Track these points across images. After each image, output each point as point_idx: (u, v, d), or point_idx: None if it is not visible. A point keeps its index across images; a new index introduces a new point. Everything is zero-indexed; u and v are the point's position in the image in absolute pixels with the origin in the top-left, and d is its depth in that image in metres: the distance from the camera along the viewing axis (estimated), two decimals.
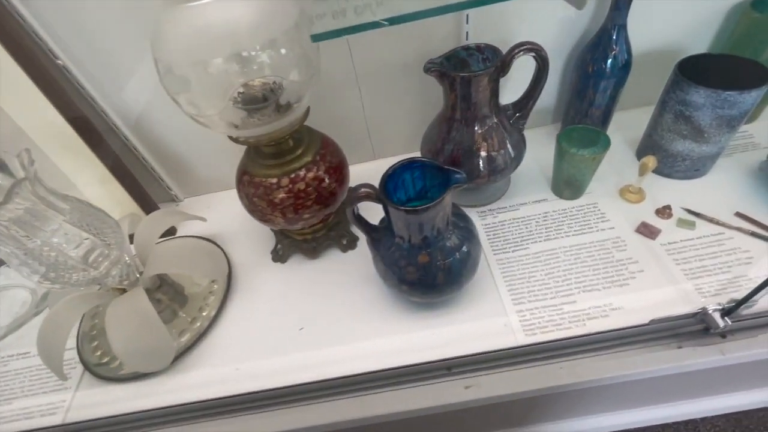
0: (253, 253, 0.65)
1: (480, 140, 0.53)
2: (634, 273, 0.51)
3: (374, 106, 0.67)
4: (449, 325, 0.50)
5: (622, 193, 0.60)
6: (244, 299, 0.59)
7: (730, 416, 0.76)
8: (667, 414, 0.73)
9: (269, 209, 0.51)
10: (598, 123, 0.64)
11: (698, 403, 0.71)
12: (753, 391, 0.69)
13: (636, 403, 0.69)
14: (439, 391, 0.45)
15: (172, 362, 0.52)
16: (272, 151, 0.50)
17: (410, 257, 0.46)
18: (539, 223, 0.59)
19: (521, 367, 0.45)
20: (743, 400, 0.71)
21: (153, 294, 0.56)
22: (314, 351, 0.51)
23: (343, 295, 0.56)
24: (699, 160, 0.57)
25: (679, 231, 0.54)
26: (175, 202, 0.77)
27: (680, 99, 0.53)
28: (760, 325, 0.43)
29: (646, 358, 0.43)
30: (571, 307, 0.49)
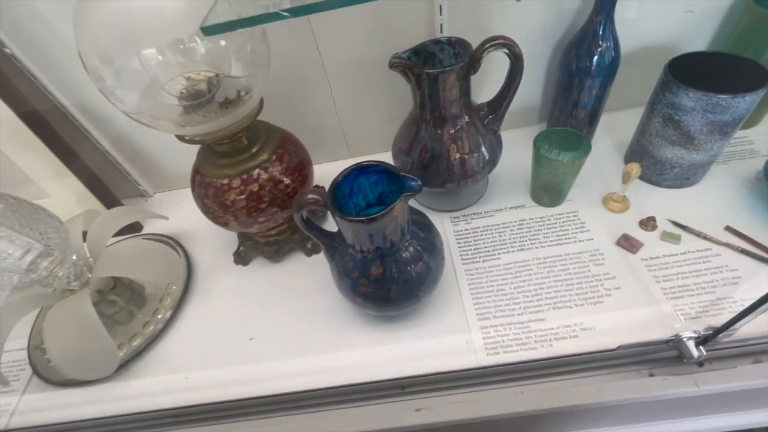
0: (216, 253, 0.62)
1: (449, 142, 0.50)
2: (610, 290, 0.47)
3: (346, 103, 0.63)
4: (409, 341, 0.47)
5: (606, 202, 0.56)
6: (201, 303, 0.56)
7: None
8: None
9: (221, 211, 0.49)
10: (585, 124, 0.60)
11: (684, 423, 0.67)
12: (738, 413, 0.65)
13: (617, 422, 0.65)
14: (389, 413, 0.42)
15: (121, 368, 0.50)
16: (224, 150, 0.47)
17: (363, 268, 0.42)
18: (514, 232, 0.55)
19: (478, 389, 0.42)
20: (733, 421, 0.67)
21: (106, 295, 0.54)
22: (265, 363, 0.48)
23: (301, 303, 0.53)
24: (689, 168, 0.52)
25: (663, 245, 0.50)
26: (144, 197, 0.74)
27: (669, 102, 0.48)
28: (740, 354, 0.39)
29: (613, 386, 0.40)
30: (538, 326, 0.46)
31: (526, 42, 0.57)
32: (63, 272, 0.49)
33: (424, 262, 0.43)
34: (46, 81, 0.56)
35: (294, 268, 0.58)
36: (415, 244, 0.43)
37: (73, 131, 0.61)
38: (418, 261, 0.43)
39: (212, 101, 0.40)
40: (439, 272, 0.46)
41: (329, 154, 0.71)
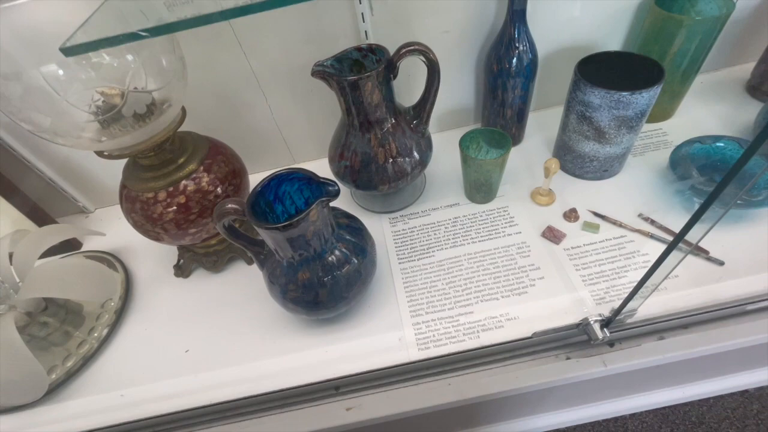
0: (156, 267, 0.61)
1: (377, 146, 0.51)
2: (534, 280, 0.50)
3: (283, 111, 0.64)
4: (344, 341, 0.48)
5: (533, 196, 0.58)
6: (140, 318, 0.56)
7: (658, 411, 0.76)
8: (595, 413, 0.73)
9: (150, 225, 0.48)
10: (514, 122, 0.63)
11: (626, 401, 0.71)
12: (677, 387, 0.69)
13: (561, 405, 0.68)
14: (321, 414, 0.43)
15: (54, 390, 0.49)
16: (149, 163, 0.47)
17: (290, 274, 0.43)
18: (448, 229, 0.57)
19: (408, 384, 0.43)
20: (669, 396, 0.72)
21: (37, 317, 0.52)
22: (202, 374, 0.48)
23: (239, 312, 0.53)
24: (606, 160, 0.56)
25: (584, 234, 0.53)
26: (84, 213, 0.73)
27: (580, 100, 0.51)
28: (644, 334, 0.42)
29: (533, 371, 0.42)
30: (467, 318, 0.48)
31: (452, 46, 0.59)
32: None
33: (352, 265, 0.44)
34: None
35: (235, 278, 0.58)
36: (341, 247, 0.44)
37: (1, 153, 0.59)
38: (345, 264, 0.44)
39: (122, 116, 0.40)
40: (369, 274, 0.47)
41: (272, 161, 0.71)
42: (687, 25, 0.53)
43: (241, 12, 0.21)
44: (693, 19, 0.52)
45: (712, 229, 0.28)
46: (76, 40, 0.22)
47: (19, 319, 0.51)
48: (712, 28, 0.52)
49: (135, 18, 0.24)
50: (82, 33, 0.23)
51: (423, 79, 0.49)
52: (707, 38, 0.53)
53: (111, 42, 0.22)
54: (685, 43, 0.54)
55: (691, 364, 0.58)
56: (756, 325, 0.42)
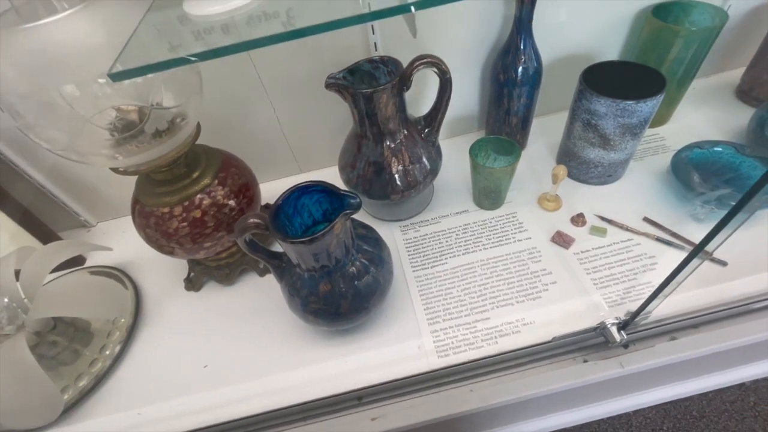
0: (166, 281, 0.60)
1: (390, 156, 0.52)
2: (547, 285, 0.51)
3: (291, 121, 0.64)
4: (363, 352, 0.48)
5: (540, 202, 0.60)
6: (152, 334, 0.55)
7: (660, 407, 0.79)
8: (602, 411, 0.75)
9: (164, 240, 0.48)
10: (518, 130, 0.64)
11: (631, 398, 0.73)
12: (679, 383, 0.71)
13: (569, 405, 0.70)
14: (346, 425, 0.43)
15: (67, 411, 0.48)
16: (163, 178, 0.47)
17: (311, 286, 0.43)
18: (459, 236, 0.58)
19: (431, 392, 0.44)
20: (671, 392, 0.74)
21: (46, 337, 0.51)
22: (221, 389, 0.48)
23: (254, 325, 0.53)
24: (610, 166, 0.57)
25: (592, 239, 0.55)
26: (86, 227, 0.71)
27: (586, 108, 0.53)
28: (657, 334, 0.44)
29: (552, 375, 0.43)
30: (484, 324, 0.48)
31: (459, 56, 0.60)
32: None
33: (372, 275, 0.45)
34: None
35: (247, 290, 0.57)
36: (361, 258, 0.45)
37: (0, 167, 0.57)
38: (365, 274, 0.44)
39: (141, 132, 0.40)
40: (387, 283, 0.47)
41: (280, 171, 0.71)
42: (683, 36, 0.55)
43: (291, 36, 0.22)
44: (689, 30, 0.54)
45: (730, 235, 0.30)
46: (124, 65, 0.22)
47: (28, 339, 0.49)
48: (707, 38, 0.55)
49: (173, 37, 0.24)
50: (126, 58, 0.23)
51: (429, 89, 0.50)
52: (702, 47, 0.56)
53: (160, 67, 0.22)
54: (681, 52, 0.57)
55: (696, 361, 0.60)
56: (761, 323, 0.44)
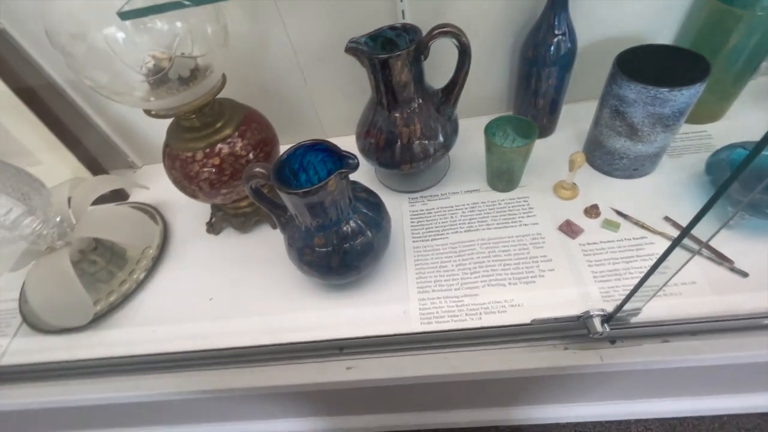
0: (192, 222, 0.67)
1: (401, 126, 0.52)
2: (544, 271, 0.50)
3: (318, 85, 0.66)
4: (352, 307, 0.51)
5: (556, 189, 0.58)
6: (173, 267, 0.61)
7: (665, 421, 0.75)
8: (598, 412, 0.73)
9: (186, 182, 0.53)
10: (545, 113, 0.62)
11: (631, 405, 0.70)
12: (687, 398, 0.68)
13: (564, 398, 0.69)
14: (324, 370, 0.46)
15: (98, 319, 0.56)
16: (190, 125, 0.51)
17: (307, 239, 0.46)
18: (465, 214, 0.58)
19: (407, 354, 0.46)
20: (677, 407, 0.70)
21: (88, 255, 0.59)
22: (222, 321, 0.53)
23: (259, 271, 0.57)
24: (636, 159, 0.54)
25: (603, 232, 0.52)
26: (132, 168, 0.79)
27: (615, 93, 0.50)
28: (648, 335, 0.42)
29: (528, 356, 0.43)
30: (471, 300, 0.49)
31: (489, 30, 0.59)
32: (47, 232, 0.54)
33: (366, 237, 0.47)
34: (34, 53, 0.60)
35: (260, 240, 0.62)
36: (357, 219, 0.46)
37: (65, 106, 0.65)
38: (359, 235, 0.46)
39: (168, 78, 0.44)
40: (381, 248, 0.49)
41: (304, 134, 0.73)
42: (747, 21, 0.49)
43: None
44: (755, 15, 0.49)
45: (721, 229, 0.28)
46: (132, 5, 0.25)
47: (72, 255, 0.57)
48: None
49: None
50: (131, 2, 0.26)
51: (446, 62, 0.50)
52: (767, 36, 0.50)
53: (158, 9, 0.25)
54: (743, 41, 0.51)
55: (702, 375, 0.56)
56: None
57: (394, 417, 0.73)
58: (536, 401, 0.68)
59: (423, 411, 0.72)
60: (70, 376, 0.52)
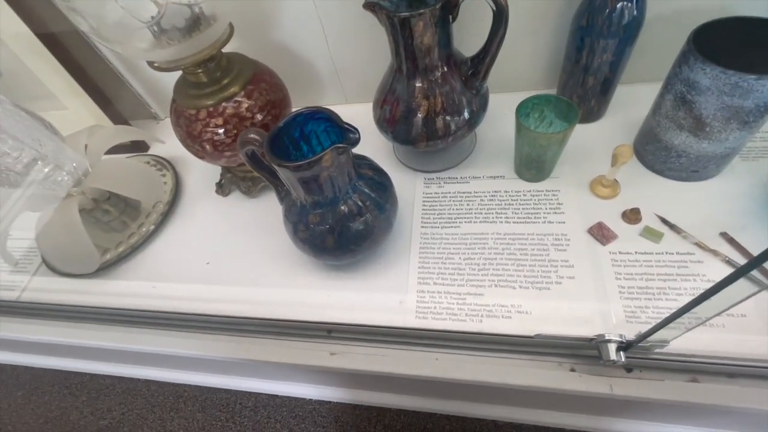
0: (204, 181, 0.66)
1: (420, 97, 0.47)
2: (563, 278, 0.44)
3: (340, 46, 0.60)
4: (347, 290, 0.48)
5: (593, 185, 0.50)
6: (180, 224, 0.61)
7: None
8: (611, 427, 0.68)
9: (190, 141, 0.51)
10: (595, 94, 0.53)
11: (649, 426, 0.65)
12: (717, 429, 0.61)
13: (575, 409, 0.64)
14: (308, 352, 0.44)
15: (107, 268, 0.57)
16: (195, 80, 0.48)
17: (301, 215, 0.43)
18: (483, 203, 0.52)
19: (396, 347, 0.43)
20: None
21: (102, 204, 0.60)
22: (216, 286, 0.52)
23: (260, 239, 0.55)
24: (698, 159, 0.45)
25: (640, 241, 0.45)
26: (155, 120, 0.79)
27: (685, 77, 0.41)
28: (674, 369, 0.36)
29: (527, 372, 0.39)
30: (475, 300, 0.45)
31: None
32: (61, 178, 0.55)
33: (365, 220, 0.43)
34: None
35: (265, 207, 0.60)
36: (357, 199, 0.42)
37: (89, 54, 0.65)
38: (358, 217, 0.42)
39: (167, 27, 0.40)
40: (382, 232, 0.45)
41: (323, 98, 0.69)
42: None
43: None
44: None
45: None
46: None
47: (87, 203, 0.58)
48: None
49: None
50: None
51: None
52: None
53: None
54: None
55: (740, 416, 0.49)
56: None
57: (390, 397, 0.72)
58: (538, 406, 0.64)
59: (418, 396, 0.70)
60: (74, 319, 0.54)
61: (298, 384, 0.76)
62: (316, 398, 0.79)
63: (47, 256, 0.52)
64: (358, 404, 0.77)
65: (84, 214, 0.59)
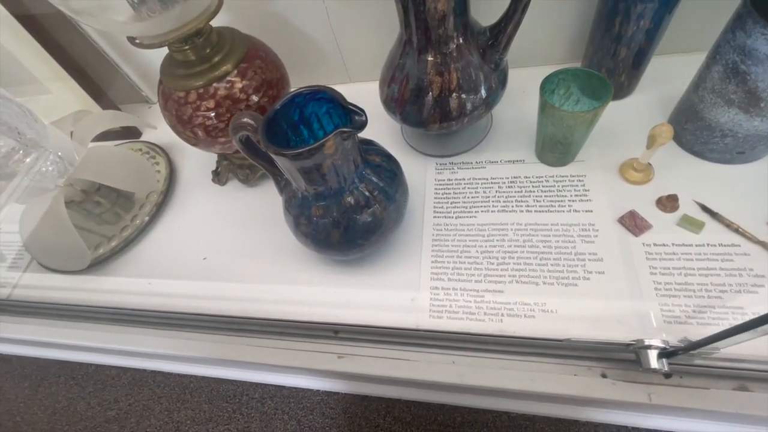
0: (199, 168, 0.62)
1: (433, 73, 0.42)
2: (591, 273, 0.40)
3: (342, 19, 0.55)
4: (355, 288, 0.45)
5: (624, 169, 0.45)
6: (176, 215, 0.57)
7: None
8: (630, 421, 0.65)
9: (181, 127, 0.46)
10: (626, 67, 0.47)
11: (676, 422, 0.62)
12: None
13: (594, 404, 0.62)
14: (314, 355, 0.41)
15: (99, 263, 0.54)
16: (183, 58, 0.44)
17: (303, 207, 0.39)
18: (501, 189, 0.48)
19: (409, 349, 0.40)
20: None
21: (91, 196, 0.56)
22: (215, 283, 0.49)
23: (260, 231, 0.52)
24: (746, 139, 0.40)
25: (678, 231, 0.41)
26: (147, 104, 0.74)
27: (739, 44, 0.35)
28: (719, 376, 0.32)
29: (553, 378, 0.35)
30: (494, 297, 0.41)
31: None
32: (45, 168, 0.51)
33: (373, 211, 0.39)
34: None
35: (265, 196, 0.56)
36: (364, 189, 0.38)
37: (73, 34, 0.60)
38: (365, 209, 0.38)
39: None
40: (392, 224, 0.41)
41: (325, 77, 0.64)
42: None
43: None
44: None
45: None
46: None
47: (76, 195, 0.55)
48: None
49: None
50: None
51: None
52: None
53: None
54: None
55: None
56: None
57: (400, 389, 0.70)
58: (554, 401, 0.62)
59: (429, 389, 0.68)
60: (68, 318, 0.51)
61: (306, 377, 0.74)
62: (324, 389, 0.77)
63: (34, 253, 0.49)
64: (366, 396, 0.75)
65: (74, 207, 0.55)
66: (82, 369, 0.92)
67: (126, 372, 0.89)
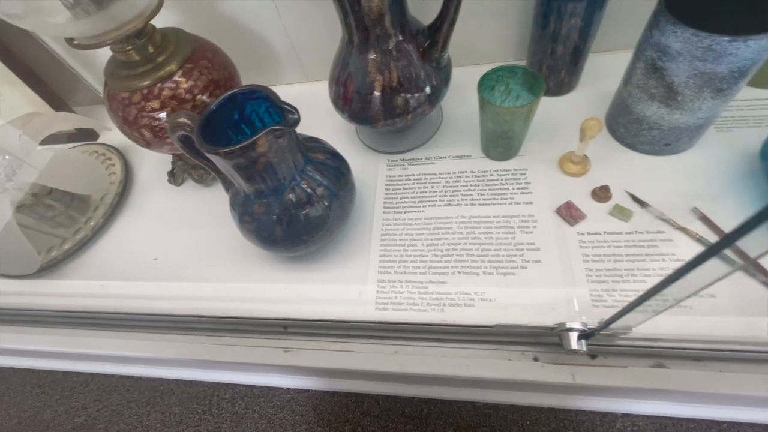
0: (156, 169, 0.61)
1: (374, 71, 0.43)
2: (528, 262, 0.42)
3: (294, 19, 0.55)
4: (304, 283, 0.46)
5: (562, 163, 0.47)
6: (131, 216, 0.57)
7: (655, 419, 0.69)
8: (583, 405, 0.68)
9: (127, 128, 0.46)
10: (565, 64, 0.49)
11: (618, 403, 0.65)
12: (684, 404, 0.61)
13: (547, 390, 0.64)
14: (261, 350, 0.42)
15: (54, 267, 0.53)
16: (125, 59, 0.44)
17: (246, 204, 0.40)
18: (448, 184, 0.49)
19: (354, 341, 0.41)
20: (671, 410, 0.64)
21: (42, 199, 0.55)
22: (166, 283, 0.49)
23: (214, 230, 0.52)
24: (670, 131, 0.42)
25: (609, 220, 0.43)
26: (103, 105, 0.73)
27: (655, 42, 0.37)
28: (637, 354, 0.34)
29: (487, 363, 0.37)
30: (437, 288, 0.42)
31: None
32: None
33: (316, 209, 0.40)
34: None
35: (219, 195, 0.55)
36: (306, 187, 0.39)
37: (26, 38, 0.58)
38: (308, 206, 0.39)
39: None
40: (337, 221, 0.42)
41: (282, 77, 0.65)
42: None
43: None
44: None
45: None
46: None
47: (25, 198, 0.54)
48: None
49: None
50: None
51: None
52: None
53: None
54: None
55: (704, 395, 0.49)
56: None
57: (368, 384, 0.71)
58: (513, 389, 0.64)
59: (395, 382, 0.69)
60: (18, 323, 0.50)
61: (275, 375, 0.74)
62: (294, 387, 0.78)
63: None
64: (336, 392, 0.76)
65: (24, 211, 0.55)
66: (49, 377, 0.90)
67: (94, 378, 0.88)
